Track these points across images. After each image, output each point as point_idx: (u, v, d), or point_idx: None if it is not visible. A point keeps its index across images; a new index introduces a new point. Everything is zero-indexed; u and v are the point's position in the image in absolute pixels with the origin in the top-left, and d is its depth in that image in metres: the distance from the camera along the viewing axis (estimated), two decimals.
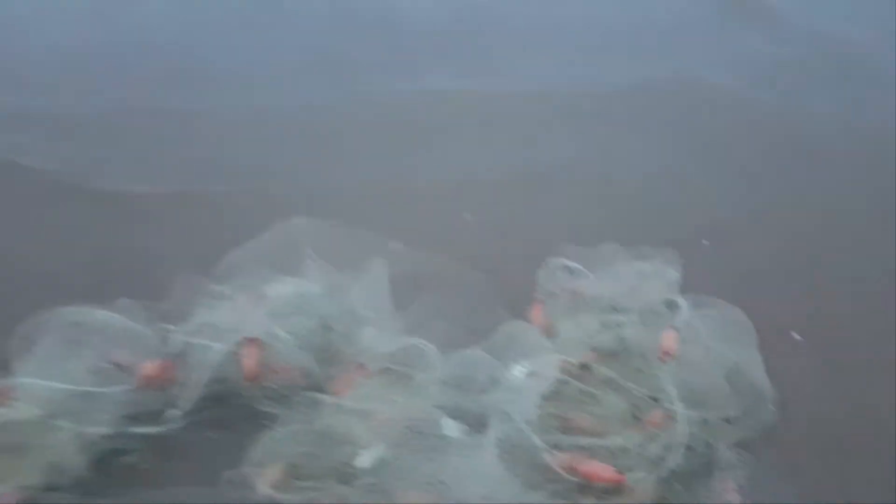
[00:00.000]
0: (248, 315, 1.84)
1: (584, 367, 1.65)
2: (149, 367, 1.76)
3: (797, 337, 1.87)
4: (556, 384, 1.60)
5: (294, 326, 1.82)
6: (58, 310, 1.78)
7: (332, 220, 2.01)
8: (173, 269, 2.01)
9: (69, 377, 1.70)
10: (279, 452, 1.59)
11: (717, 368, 1.62)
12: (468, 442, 1.51)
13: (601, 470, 1.45)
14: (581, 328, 1.73)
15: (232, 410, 1.72)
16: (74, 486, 1.55)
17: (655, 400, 1.58)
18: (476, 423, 1.56)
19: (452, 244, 2.10)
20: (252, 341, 1.77)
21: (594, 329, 1.72)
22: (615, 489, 1.43)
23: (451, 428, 1.57)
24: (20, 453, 1.57)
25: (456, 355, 1.69)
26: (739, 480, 1.47)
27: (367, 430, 1.59)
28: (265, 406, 1.71)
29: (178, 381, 1.75)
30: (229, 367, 1.75)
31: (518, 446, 1.48)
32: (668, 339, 1.66)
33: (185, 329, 1.83)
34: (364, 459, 1.54)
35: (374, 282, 1.92)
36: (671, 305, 1.78)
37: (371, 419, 1.61)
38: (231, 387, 1.75)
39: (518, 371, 1.62)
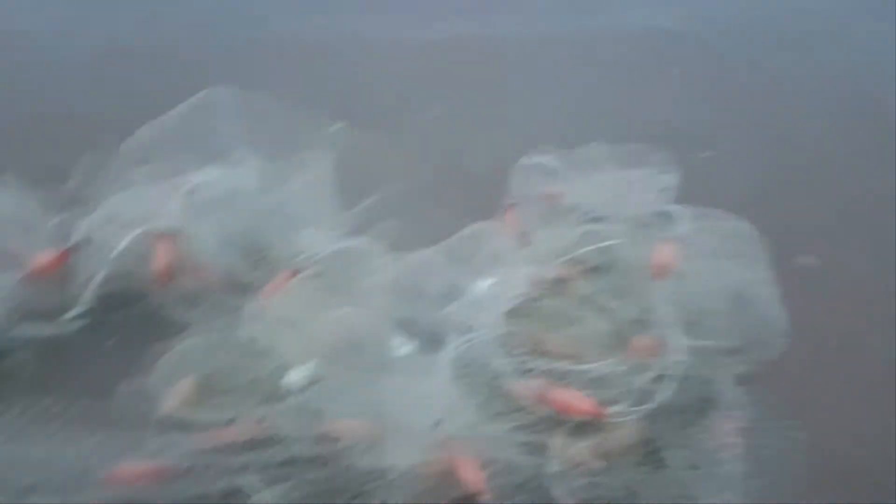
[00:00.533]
0: (162, 205, 1.60)
1: (561, 281, 1.44)
2: (41, 258, 1.52)
3: (809, 261, 1.67)
4: (526, 300, 1.39)
5: (217, 222, 1.59)
6: None
7: (267, 92, 1.73)
8: (76, 146, 1.75)
9: None
10: (191, 365, 1.38)
11: (718, 290, 1.41)
12: (418, 362, 1.30)
13: (578, 401, 1.24)
14: (558, 238, 1.51)
15: (137, 315, 1.50)
16: None
17: (644, 323, 1.38)
18: (429, 340, 1.36)
19: (415, 139, 1.84)
20: (165, 236, 1.54)
21: (574, 240, 1.51)
22: (593, 425, 1.23)
23: (399, 345, 1.36)
24: None
25: (409, 258, 1.47)
26: (741, 421, 1.27)
27: (299, 344, 1.37)
28: (176, 312, 1.49)
29: (75, 277, 1.52)
30: (137, 264, 1.53)
31: (477, 369, 1.27)
32: (664, 252, 1.45)
33: (88, 218, 1.59)
34: (294, 378, 1.33)
35: (316, 173, 1.67)
36: (665, 217, 1.58)
37: (304, 331, 1.39)
38: (138, 287, 1.52)
39: (483, 284, 1.41)
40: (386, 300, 1.41)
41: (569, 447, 1.19)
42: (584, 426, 1.24)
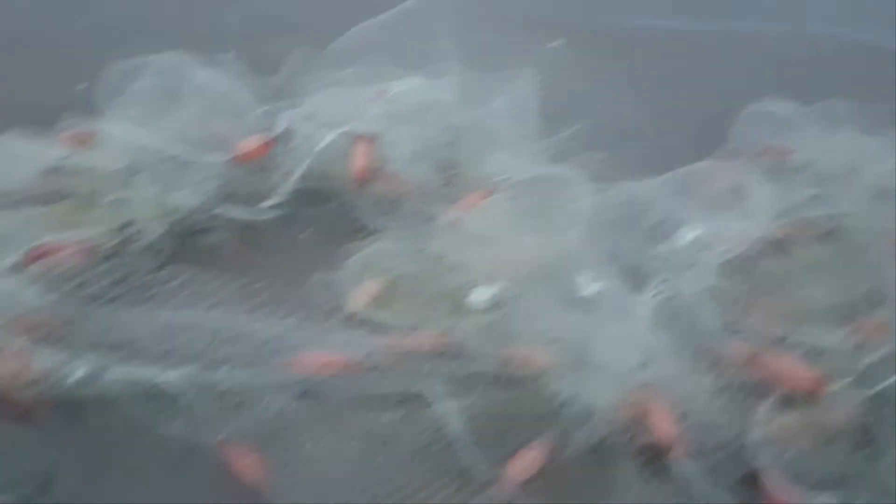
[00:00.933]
0: (365, 109, 1.62)
1: (783, 242, 1.35)
2: (248, 143, 1.58)
3: None
4: (741, 256, 1.31)
5: (416, 133, 1.61)
6: (157, 55, 1.63)
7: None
8: (288, 40, 1.81)
9: (159, 135, 1.55)
10: (379, 268, 1.40)
11: None
12: (619, 300, 1.26)
13: (795, 370, 1.16)
14: (783, 196, 1.41)
15: (331, 213, 1.55)
16: (148, 250, 1.42)
17: (875, 301, 1.26)
18: (629, 278, 1.31)
19: (631, 72, 1.75)
20: (366, 139, 1.56)
21: (801, 200, 1.40)
22: (806, 399, 1.15)
23: (587, 283, 1.32)
24: (95, 204, 1.46)
25: (613, 191, 1.43)
26: None
27: (488, 264, 1.36)
28: (368, 215, 1.52)
29: (277, 167, 1.58)
30: (336, 163, 1.57)
31: (684, 319, 1.21)
32: None
33: (292, 111, 1.64)
34: (480, 296, 1.33)
35: (521, 94, 1.64)
36: None
37: (495, 251, 1.38)
38: (334, 186, 1.56)
39: (693, 230, 1.33)
40: (584, 232, 1.36)
41: (776, 418, 1.12)
42: (795, 399, 1.15)
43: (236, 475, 1.11)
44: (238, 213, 1.53)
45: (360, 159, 1.55)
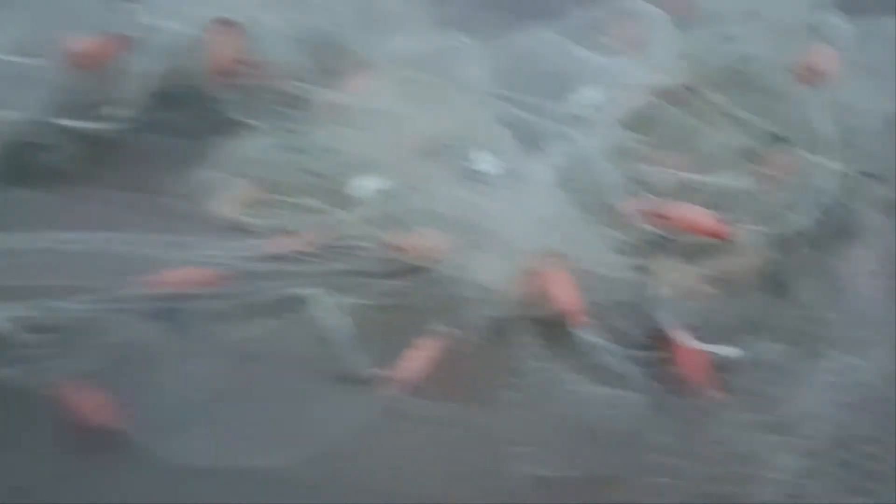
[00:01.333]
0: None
1: (688, 89, 1.34)
2: (84, 42, 1.47)
3: None
4: (645, 109, 1.30)
5: (290, 18, 1.53)
6: None
7: None
8: None
9: None
10: (250, 166, 1.36)
11: (873, 110, 1.30)
12: (516, 169, 1.24)
13: (698, 216, 1.16)
14: (688, 42, 1.39)
15: (193, 114, 1.47)
16: None
17: (781, 140, 1.27)
18: (529, 143, 1.28)
19: None
20: (225, 24, 1.48)
21: (705, 43, 1.39)
22: (714, 246, 1.16)
23: (483, 158, 1.30)
24: None
25: (511, 45, 1.40)
26: (879, 251, 1.18)
27: (371, 148, 1.33)
28: (237, 111, 1.44)
29: (125, 69, 1.49)
30: (194, 57, 1.48)
31: (583, 180, 1.20)
32: (817, 55, 1.32)
33: (146, 8, 1.53)
34: (363, 184, 1.29)
35: None
36: (820, 26, 1.43)
37: (378, 135, 1.35)
38: (194, 83, 1.48)
39: (591, 88, 1.32)
40: (476, 102, 1.33)
41: (678, 270, 1.13)
42: (699, 248, 1.16)
43: (81, 419, 1.05)
44: (80, 124, 1.44)
45: (218, 48, 1.47)
